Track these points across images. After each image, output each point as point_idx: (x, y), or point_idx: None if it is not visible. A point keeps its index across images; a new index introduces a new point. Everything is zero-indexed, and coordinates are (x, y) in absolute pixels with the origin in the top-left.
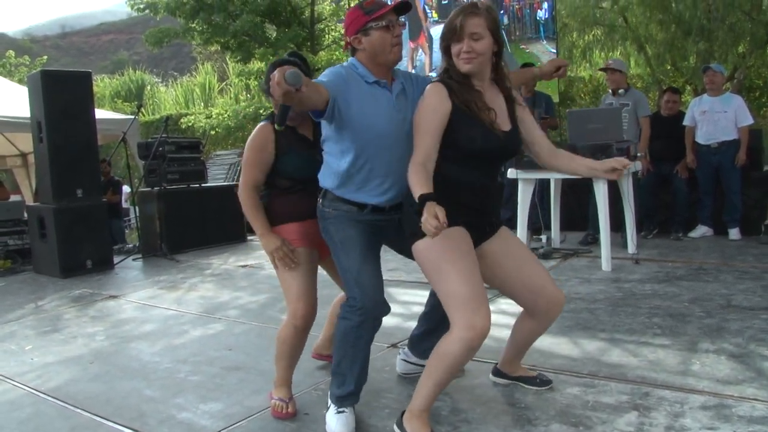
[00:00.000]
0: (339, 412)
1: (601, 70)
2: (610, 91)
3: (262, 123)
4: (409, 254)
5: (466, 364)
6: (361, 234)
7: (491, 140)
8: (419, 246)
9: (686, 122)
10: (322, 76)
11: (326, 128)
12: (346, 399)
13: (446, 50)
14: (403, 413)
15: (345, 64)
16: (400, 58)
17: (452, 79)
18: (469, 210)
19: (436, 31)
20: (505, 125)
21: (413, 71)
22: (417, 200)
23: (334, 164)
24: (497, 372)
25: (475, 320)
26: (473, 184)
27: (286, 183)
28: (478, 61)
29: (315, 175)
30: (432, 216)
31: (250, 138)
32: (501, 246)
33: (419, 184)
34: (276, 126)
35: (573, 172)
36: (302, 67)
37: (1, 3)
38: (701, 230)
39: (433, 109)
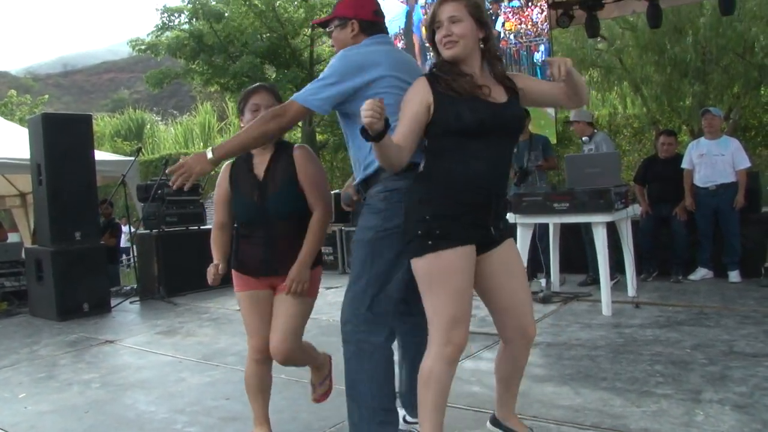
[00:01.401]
0: None
1: (566, 122)
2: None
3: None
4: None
5: (450, 383)
6: None
7: (481, 110)
8: (418, 263)
9: (684, 165)
10: None
11: None
12: None
13: (432, 41)
14: None
15: None
16: None
17: (439, 70)
18: (474, 210)
19: None
20: (501, 98)
21: None
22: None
23: None
24: (495, 421)
25: (452, 335)
26: (477, 177)
27: (240, 228)
28: (461, 46)
29: (257, 223)
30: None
31: None
32: (503, 261)
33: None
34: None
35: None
36: (274, 91)
37: (4, 41)
38: (701, 273)
39: (409, 99)
